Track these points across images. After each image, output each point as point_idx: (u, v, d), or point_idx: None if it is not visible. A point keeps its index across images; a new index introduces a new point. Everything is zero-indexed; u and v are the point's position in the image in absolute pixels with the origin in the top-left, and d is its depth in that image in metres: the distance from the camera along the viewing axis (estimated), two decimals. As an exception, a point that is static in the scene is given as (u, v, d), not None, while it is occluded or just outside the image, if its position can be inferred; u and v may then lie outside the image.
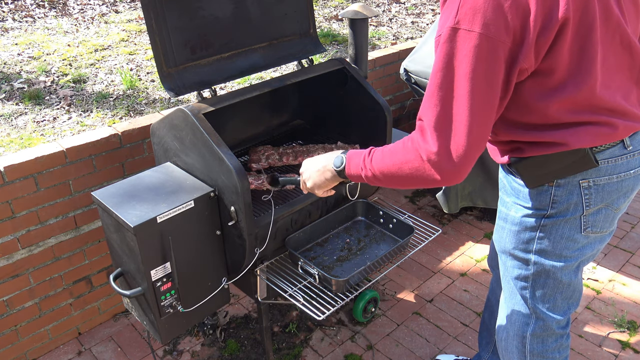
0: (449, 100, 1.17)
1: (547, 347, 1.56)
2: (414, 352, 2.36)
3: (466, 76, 1.14)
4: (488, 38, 1.12)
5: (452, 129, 1.17)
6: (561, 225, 1.37)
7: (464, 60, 1.14)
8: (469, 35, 1.13)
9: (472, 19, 1.12)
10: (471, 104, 1.15)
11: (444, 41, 1.15)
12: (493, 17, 1.11)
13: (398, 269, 2.85)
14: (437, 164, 1.20)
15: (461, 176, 1.22)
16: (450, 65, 1.16)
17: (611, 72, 1.26)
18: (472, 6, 1.12)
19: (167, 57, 1.77)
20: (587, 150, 1.26)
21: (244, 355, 2.34)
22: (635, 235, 3.07)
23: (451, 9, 1.15)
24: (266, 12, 2.00)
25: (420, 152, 1.21)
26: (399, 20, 4.72)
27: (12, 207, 2.06)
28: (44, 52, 3.65)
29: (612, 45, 1.24)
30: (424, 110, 1.21)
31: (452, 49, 1.15)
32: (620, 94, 1.28)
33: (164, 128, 1.90)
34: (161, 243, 1.68)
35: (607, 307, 2.58)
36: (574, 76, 1.21)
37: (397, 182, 1.31)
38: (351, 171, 1.39)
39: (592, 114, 1.25)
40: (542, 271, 1.44)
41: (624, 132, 1.29)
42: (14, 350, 2.27)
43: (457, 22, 1.14)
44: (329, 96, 2.31)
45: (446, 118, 1.17)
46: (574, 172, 1.30)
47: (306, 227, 2.01)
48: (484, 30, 1.11)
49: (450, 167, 1.19)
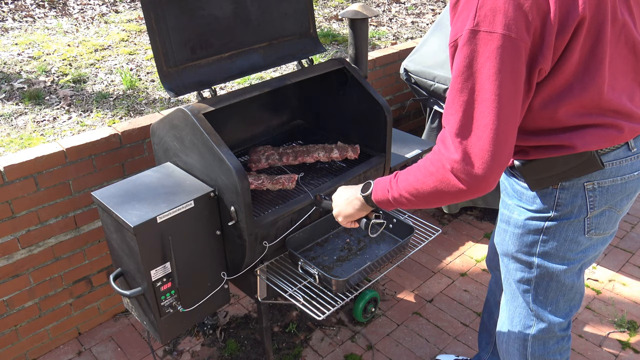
0: (470, 105, 1.12)
1: (549, 349, 1.55)
2: (414, 352, 2.36)
3: (490, 78, 1.10)
4: (511, 38, 1.09)
5: (476, 135, 1.12)
6: (565, 227, 1.36)
7: (487, 63, 1.10)
8: (490, 37, 1.09)
9: (492, 19, 1.09)
10: (497, 107, 1.10)
11: (464, 44, 1.12)
12: (514, 17, 1.08)
13: (398, 269, 2.85)
14: (461, 173, 1.14)
15: (489, 185, 1.15)
16: (471, 68, 1.11)
17: (617, 74, 1.24)
18: (491, 7, 1.09)
19: (167, 57, 1.77)
20: (593, 153, 1.25)
21: (244, 355, 2.34)
22: (635, 235, 3.07)
23: (468, 11, 1.12)
24: (266, 12, 2.00)
25: (443, 161, 1.16)
26: (399, 20, 4.72)
27: (12, 207, 2.06)
28: (44, 52, 3.65)
29: (618, 46, 1.23)
30: (445, 118, 1.17)
31: (473, 52, 1.11)
32: (625, 96, 1.27)
33: (164, 128, 1.90)
34: (161, 243, 1.68)
35: (607, 307, 2.58)
36: (581, 77, 1.19)
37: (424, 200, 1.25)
38: (378, 196, 1.35)
39: (598, 116, 1.24)
40: (545, 274, 1.43)
41: (629, 134, 1.28)
42: (14, 350, 2.27)
43: (476, 24, 1.10)
44: (329, 96, 2.31)
45: (468, 123, 1.13)
46: (579, 175, 1.29)
47: (306, 227, 2.01)
48: (506, 31, 1.08)
49: (475, 176, 1.13)
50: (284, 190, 2.07)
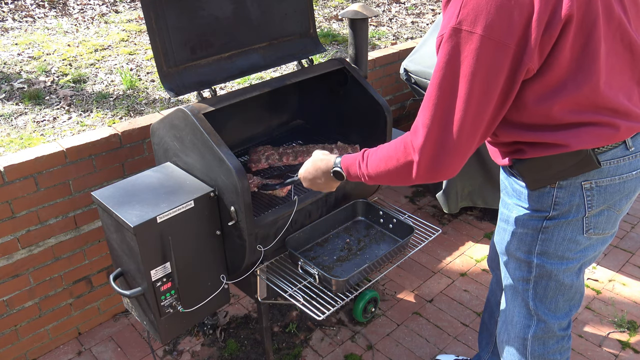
0: (444, 100, 1.17)
1: (549, 349, 1.55)
2: (414, 352, 2.36)
3: (465, 77, 1.13)
4: (490, 40, 1.10)
5: (444, 128, 1.18)
6: (563, 227, 1.36)
7: (464, 62, 1.13)
8: (470, 37, 1.11)
9: (474, 19, 1.10)
10: (465, 107, 1.15)
11: (445, 41, 1.14)
12: (496, 18, 1.09)
13: (398, 269, 2.85)
14: (423, 161, 1.23)
15: (437, 176, 1.24)
16: (449, 65, 1.15)
17: (614, 72, 1.24)
18: (474, 6, 1.10)
19: (167, 57, 1.77)
20: (589, 152, 1.25)
21: (244, 355, 2.34)
22: (635, 235, 3.07)
23: (454, 9, 1.13)
24: (266, 12, 2.00)
25: (409, 149, 1.25)
26: (399, 20, 4.72)
27: (12, 207, 2.06)
28: (44, 52, 3.65)
29: (614, 44, 1.23)
30: (421, 107, 1.23)
31: (453, 49, 1.13)
32: (622, 94, 1.27)
33: (164, 128, 1.90)
34: (161, 243, 1.68)
35: (607, 307, 2.58)
36: (574, 74, 1.19)
37: (379, 179, 1.36)
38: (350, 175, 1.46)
39: (594, 114, 1.24)
40: (544, 273, 1.43)
41: (626, 133, 1.27)
42: (14, 350, 2.27)
43: (459, 22, 1.12)
44: (329, 96, 2.31)
45: (439, 116, 1.18)
46: (576, 174, 1.29)
47: (306, 227, 2.01)
48: (486, 33, 1.10)
49: (429, 164, 1.22)
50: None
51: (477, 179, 2.91)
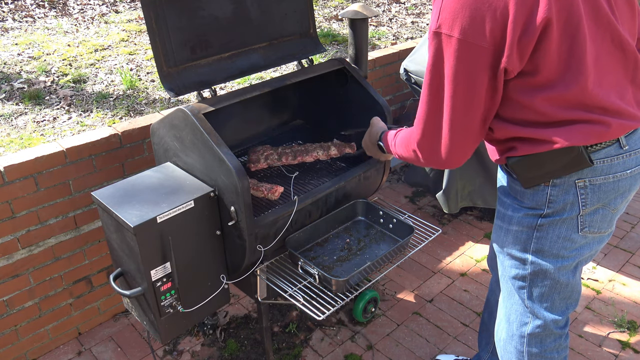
0: (434, 98, 1.28)
1: (546, 347, 1.55)
2: (414, 352, 2.36)
3: (449, 78, 1.22)
4: (466, 43, 1.17)
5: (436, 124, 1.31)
6: (558, 224, 1.37)
7: (447, 64, 1.21)
8: (449, 40, 1.18)
9: (451, 23, 1.17)
10: (453, 104, 1.25)
11: (430, 43, 1.24)
12: (471, 22, 1.15)
13: (398, 269, 2.85)
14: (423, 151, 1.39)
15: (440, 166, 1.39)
16: (435, 67, 1.24)
17: (604, 71, 1.26)
18: (451, 11, 1.17)
19: (167, 57, 1.77)
20: (580, 149, 1.26)
21: (244, 355, 2.34)
22: (635, 235, 3.07)
23: (435, 11, 1.20)
24: (266, 12, 2.00)
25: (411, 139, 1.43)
26: (399, 20, 4.73)
27: (12, 207, 2.06)
28: (44, 52, 3.65)
29: (604, 43, 1.24)
30: (420, 103, 1.34)
31: (436, 51, 1.22)
32: (614, 93, 1.28)
33: (164, 128, 1.90)
34: (161, 243, 1.68)
35: (607, 307, 2.58)
36: (563, 75, 1.22)
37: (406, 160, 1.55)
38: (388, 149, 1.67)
39: (584, 112, 1.25)
40: (540, 271, 1.44)
41: (618, 131, 1.28)
42: (14, 350, 2.27)
43: (438, 26, 1.19)
44: (329, 96, 2.31)
45: (430, 113, 1.31)
46: (569, 172, 1.30)
47: (306, 227, 2.01)
48: (462, 36, 1.16)
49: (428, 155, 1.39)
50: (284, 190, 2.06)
51: (477, 179, 2.91)
